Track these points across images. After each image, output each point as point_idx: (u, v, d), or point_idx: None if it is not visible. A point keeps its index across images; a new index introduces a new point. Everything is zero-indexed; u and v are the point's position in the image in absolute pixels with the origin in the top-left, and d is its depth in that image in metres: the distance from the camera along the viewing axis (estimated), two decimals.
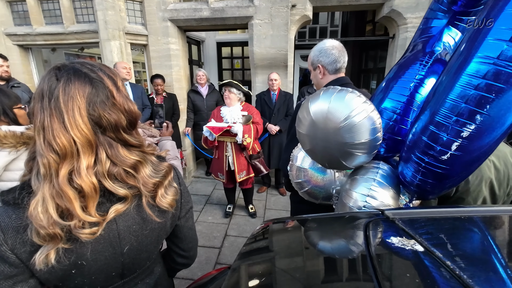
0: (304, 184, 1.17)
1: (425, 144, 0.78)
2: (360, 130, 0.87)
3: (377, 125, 0.88)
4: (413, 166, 0.85)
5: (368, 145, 0.90)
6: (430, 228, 0.71)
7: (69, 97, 0.53)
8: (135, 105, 0.64)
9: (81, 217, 0.53)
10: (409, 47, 1.16)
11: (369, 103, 0.88)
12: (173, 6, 3.67)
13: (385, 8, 3.52)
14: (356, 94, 0.89)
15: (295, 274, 0.65)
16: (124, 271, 0.71)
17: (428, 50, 1.03)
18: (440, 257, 0.52)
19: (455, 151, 0.73)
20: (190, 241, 0.88)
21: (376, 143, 0.91)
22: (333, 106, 0.89)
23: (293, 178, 1.21)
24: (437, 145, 0.75)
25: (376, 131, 0.88)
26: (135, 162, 0.61)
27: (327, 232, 0.87)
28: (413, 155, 0.84)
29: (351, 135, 0.87)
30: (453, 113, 0.71)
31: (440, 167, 0.77)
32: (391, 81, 1.06)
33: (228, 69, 6.14)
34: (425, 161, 0.79)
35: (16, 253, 0.55)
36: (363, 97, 0.89)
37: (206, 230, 3.00)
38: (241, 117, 2.75)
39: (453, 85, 0.71)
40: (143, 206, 0.65)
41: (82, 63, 0.59)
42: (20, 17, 3.88)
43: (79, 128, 0.53)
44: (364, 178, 0.96)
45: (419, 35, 1.13)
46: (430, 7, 1.09)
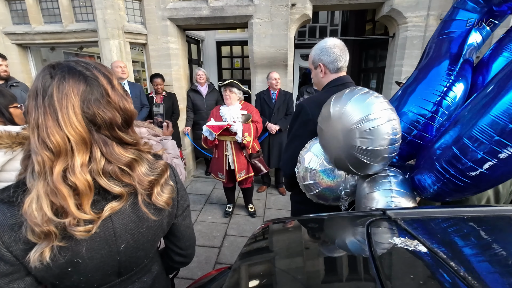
0: (312, 187, 1.13)
1: (454, 156, 0.74)
2: (373, 136, 0.83)
3: (393, 136, 0.83)
4: (435, 175, 0.81)
5: (378, 154, 0.85)
6: (432, 228, 0.70)
7: (63, 94, 0.53)
8: (131, 103, 0.64)
9: (75, 215, 0.53)
10: (431, 44, 1.08)
11: (392, 111, 0.84)
12: (173, 5, 3.65)
13: (385, 7, 3.51)
14: (379, 99, 0.85)
15: (296, 275, 0.65)
16: (120, 269, 0.71)
17: (454, 51, 0.95)
18: (444, 258, 0.51)
19: (486, 170, 0.68)
20: (187, 240, 0.88)
21: (388, 154, 0.86)
22: (351, 106, 0.86)
23: (301, 180, 1.17)
24: (468, 161, 0.70)
25: (391, 141, 0.83)
26: (131, 160, 0.61)
27: (328, 232, 0.87)
28: (437, 164, 0.80)
29: (362, 139, 0.84)
30: (495, 132, 0.64)
31: (465, 181, 0.73)
32: (415, 84, 0.99)
33: (227, 68, 6.13)
34: (450, 173, 0.75)
35: (12, 251, 0.55)
36: (386, 103, 0.84)
37: (206, 230, 2.99)
38: (240, 116, 2.74)
39: (500, 100, 0.63)
40: (139, 204, 0.65)
41: (76, 61, 0.59)
42: (18, 16, 3.87)
43: (73, 126, 0.53)
44: (381, 191, 0.92)
45: (442, 29, 1.04)
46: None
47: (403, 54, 3.53)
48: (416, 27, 3.41)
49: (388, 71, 3.96)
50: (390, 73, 3.82)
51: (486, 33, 1.00)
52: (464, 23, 0.98)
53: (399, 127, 0.85)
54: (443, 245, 0.59)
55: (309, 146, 1.18)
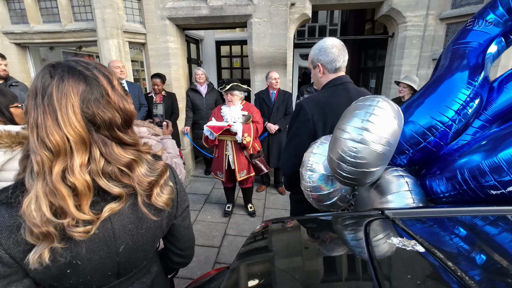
0: (331, 195, 1.09)
1: (481, 172, 0.74)
2: (335, 144, 0.88)
3: (343, 154, 0.85)
4: (452, 184, 0.83)
5: (333, 165, 0.90)
6: (430, 228, 0.70)
7: (63, 94, 0.53)
8: (131, 104, 0.64)
9: (74, 215, 0.53)
10: (447, 53, 1.05)
11: (371, 138, 0.81)
12: (172, 5, 3.65)
13: (384, 7, 3.51)
14: (370, 116, 0.83)
15: (294, 274, 0.65)
16: (120, 270, 0.70)
17: (472, 63, 0.93)
18: (442, 258, 0.52)
19: (508, 192, 0.69)
20: (186, 240, 0.88)
21: (338, 168, 0.88)
22: (347, 111, 0.90)
23: (303, 185, 1.14)
24: (493, 180, 0.71)
25: (341, 158, 0.86)
26: (130, 161, 0.61)
27: (327, 232, 0.87)
28: (459, 175, 0.80)
29: (331, 141, 0.89)
30: None
31: (480, 196, 0.74)
32: (430, 94, 0.98)
33: (227, 68, 6.13)
34: (469, 186, 0.76)
35: (10, 252, 0.54)
36: (372, 122, 0.82)
37: (205, 230, 2.99)
38: (241, 117, 2.75)
39: None
40: (138, 205, 0.64)
41: (76, 61, 0.59)
42: (17, 15, 3.85)
43: (73, 126, 0.53)
44: (398, 193, 0.92)
45: (459, 37, 1.03)
46: (482, 11, 0.99)
47: (402, 53, 3.53)
48: (415, 27, 3.41)
49: (387, 70, 3.97)
50: (390, 72, 3.82)
51: (502, 46, 1.00)
52: (484, 35, 0.97)
53: (362, 154, 0.83)
54: (441, 244, 0.59)
55: (316, 150, 1.13)
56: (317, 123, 1.29)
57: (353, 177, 0.88)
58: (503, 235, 0.67)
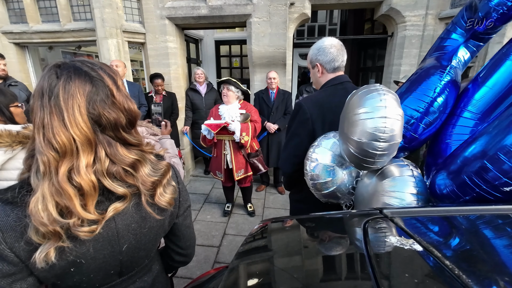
0: (328, 184, 1.14)
1: (483, 168, 0.77)
2: (358, 127, 0.90)
3: (377, 132, 0.89)
4: (457, 180, 0.85)
5: (361, 146, 0.92)
6: (428, 227, 0.70)
7: (69, 95, 0.53)
8: (135, 104, 0.64)
9: (80, 215, 0.53)
10: (424, 58, 1.26)
11: (390, 109, 0.88)
12: (171, 4, 3.64)
13: (383, 6, 3.52)
14: (382, 96, 0.90)
15: (293, 273, 0.65)
16: (122, 269, 0.71)
17: (445, 63, 1.10)
18: (439, 257, 0.52)
19: None
20: (188, 239, 0.89)
21: (372, 149, 0.91)
22: (355, 98, 0.96)
23: (314, 179, 1.17)
24: (502, 178, 0.73)
25: (373, 137, 0.89)
26: (134, 161, 0.62)
27: (325, 231, 0.87)
28: (465, 172, 0.83)
29: (350, 129, 0.92)
30: None
31: (490, 192, 0.77)
32: (411, 87, 1.14)
33: (226, 68, 6.12)
34: (482, 188, 0.79)
35: (15, 251, 0.55)
36: (387, 101, 0.89)
37: (205, 229, 3.00)
38: (239, 116, 2.74)
39: None
40: (142, 205, 0.65)
41: (82, 61, 0.59)
42: (16, 15, 3.84)
43: (79, 126, 0.53)
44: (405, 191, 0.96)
45: (437, 45, 1.21)
46: (453, 21, 1.16)
47: (401, 53, 3.54)
48: (414, 26, 3.42)
49: (386, 70, 3.97)
50: (389, 72, 3.83)
51: (472, 51, 1.14)
52: (456, 42, 1.14)
53: (391, 127, 0.88)
54: (439, 244, 0.59)
55: (317, 142, 1.20)
56: (316, 123, 1.30)
57: (385, 153, 0.92)
58: (501, 234, 0.67)
